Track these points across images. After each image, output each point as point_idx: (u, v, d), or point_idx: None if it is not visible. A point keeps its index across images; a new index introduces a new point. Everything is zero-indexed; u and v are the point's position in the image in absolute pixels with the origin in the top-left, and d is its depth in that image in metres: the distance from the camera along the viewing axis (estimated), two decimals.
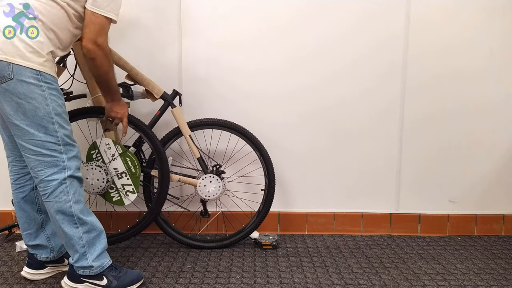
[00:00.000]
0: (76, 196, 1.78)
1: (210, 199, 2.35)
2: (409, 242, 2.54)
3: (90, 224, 1.81)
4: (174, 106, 2.32)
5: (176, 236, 2.38)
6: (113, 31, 2.46)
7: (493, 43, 2.55)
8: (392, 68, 2.56)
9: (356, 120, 2.60)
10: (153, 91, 2.29)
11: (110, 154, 2.20)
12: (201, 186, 2.33)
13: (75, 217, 1.78)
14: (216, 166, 2.36)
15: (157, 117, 2.35)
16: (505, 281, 2.05)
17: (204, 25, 2.51)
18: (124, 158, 2.20)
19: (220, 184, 2.32)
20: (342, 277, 2.05)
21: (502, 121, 2.62)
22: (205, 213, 2.41)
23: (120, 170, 2.20)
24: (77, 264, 1.82)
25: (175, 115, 2.31)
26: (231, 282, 1.99)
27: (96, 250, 1.83)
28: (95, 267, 1.83)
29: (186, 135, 2.31)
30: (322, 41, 2.54)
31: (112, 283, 1.85)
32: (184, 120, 2.32)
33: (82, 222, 1.79)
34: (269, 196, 2.38)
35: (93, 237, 1.82)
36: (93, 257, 1.82)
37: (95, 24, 1.81)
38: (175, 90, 2.34)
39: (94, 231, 1.83)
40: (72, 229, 1.78)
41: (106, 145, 2.20)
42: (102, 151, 2.20)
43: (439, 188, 2.66)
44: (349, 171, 2.63)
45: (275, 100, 2.57)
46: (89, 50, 1.83)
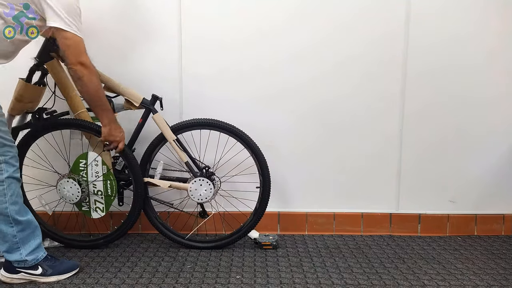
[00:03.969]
0: (13, 198, 1.85)
1: (204, 202, 2.35)
2: (409, 242, 2.54)
3: (25, 223, 1.89)
4: (155, 112, 2.27)
5: (173, 237, 2.38)
6: (113, 36, 2.47)
7: (492, 39, 2.55)
8: (391, 67, 2.56)
9: (356, 119, 2.59)
10: (132, 100, 2.25)
11: (94, 171, 2.22)
12: (192, 190, 2.31)
13: (11, 218, 1.85)
14: (206, 169, 2.35)
15: (141, 125, 2.32)
16: (505, 281, 2.04)
17: (204, 24, 2.52)
18: (105, 179, 2.23)
19: (211, 186, 2.31)
20: (342, 277, 2.05)
21: (502, 121, 2.62)
22: (204, 214, 2.40)
23: (98, 188, 2.24)
24: (11, 259, 1.91)
25: (157, 121, 2.27)
26: (231, 282, 1.99)
27: (31, 246, 1.92)
28: (30, 260, 1.92)
29: (171, 140, 2.28)
30: (318, 39, 2.53)
31: (47, 271, 1.96)
32: (167, 125, 2.28)
33: (17, 222, 1.87)
34: (265, 194, 2.35)
35: (28, 234, 1.91)
36: (26, 252, 1.91)
37: (71, 45, 1.84)
38: (153, 95, 2.29)
39: (29, 229, 1.91)
40: (7, 227, 1.86)
41: (95, 161, 2.22)
42: (89, 165, 2.22)
43: (439, 188, 2.65)
44: (349, 171, 2.63)
45: (274, 99, 2.57)
46: (76, 71, 1.87)
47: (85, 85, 1.92)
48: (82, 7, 1.95)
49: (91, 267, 2.13)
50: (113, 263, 2.19)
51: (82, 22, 1.93)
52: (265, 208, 2.37)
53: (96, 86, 1.96)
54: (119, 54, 2.49)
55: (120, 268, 2.13)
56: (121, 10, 2.48)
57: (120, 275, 2.06)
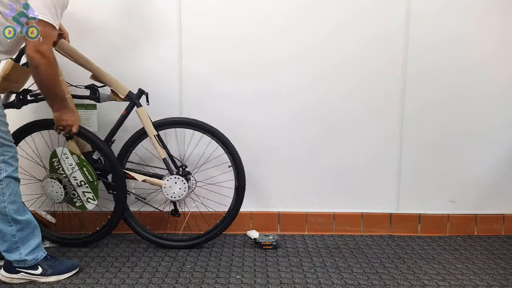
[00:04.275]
0: (11, 197, 1.85)
1: (176, 200, 2.34)
2: (409, 242, 2.54)
3: (24, 223, 1.90)
4: (139, 106, 2.29)
5: (146, 235, 2.38)
6: (113, 35, 2.48)
7: (492, 39, 2.55)
8: (391, 67, 2.56)
9: (356, 119, 2.59)
10: (118, 91, 2.27)
11: (68, 164, 2.24)
12: (167, 187, 2.31)
13: (9, 217, 1.86)
14: (183, 167, 2.35)
15: (124, 116, 2.32)
16: (505, 281, 2.04)
17: (204, 23, 2.52)
18: (81, 168, 2.24)
19: (185, 185, 2.31)
20: (342, 277, 2.05)
21: (502, 120, 2.62)
22: (176, 212, 2.40)
23: (79, 179, 2.25)
24: (11, 258, 1.91)
25: (140, 115, 2.28)
26: (231, 282, 1.99)
27: (30, 245, 1.92)
28: (29, 260, 1.92)
29: (151, 135, 2.28)
30: (318, 38, 2.53)
31: (47, 271, 1.96)
32: (149, 120, 2.29)
33: (16, 221, 1.87)
34: (240, 193, 2.35)
35: (27, 234, 1.92)
36: (26, 251, 1.91)
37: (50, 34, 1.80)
38: (140, 89, 2.31)
39: (28, 229, 1.91)
40: (6, 227, 1.87)
41: (64, 155, 2.23)
42: (62, 160, 2.25)
43: (439, 188, 2.65)
44: (349, 171, 2.63)
45: (274, 98, 2.57)
46: (32, 59, 1.81)
47: (40, 75, 1.86)
48: (84, 7, 1.94)
49: (91, 267, 2.13)
50: (113, 263, 2.19)
51: (64, 12, 1.89)
52: (239, 208, 2.37)
53: (51, 79, 1.90)
54: (119, 53, 2.49)
55: (120, 268, 2.13)
56: (122, 10, 2.48)
57: (120, 275, 2.06)
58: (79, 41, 2.32)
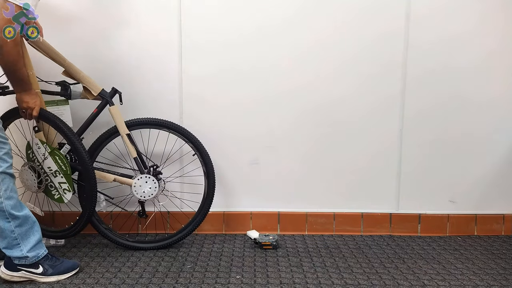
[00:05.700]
0: (8, 193, 1.85)
1: (146, 200, 2.33)
2: (409, 242, 2.54)
3: (22, 218, 1.90)
4: (112, 104, 2.27)
5: (112, 237, 2.36)
6: (114, 36, 2.48)
7: (492, 39, 2.55)
8: (391, 67, 2.56)
9: (356, 119, 2.59)
10: (90, 88, 2.25)
11: (41, 154, 2.22)
12: (137, 186, 2.30)
13: (6, 212, 1.86)
14: (154, 167, 2.34)
15: (94, 115, 2.30)
16: (505, 281, 2.04)
17: (204, 24, 2.52)
18: (53, 157, 2.22)
19: (156, 184, 2.30)
20: (342, 277, 2.05)
21: (502, 121, 2.61)
22: (143, 213, 2.38)
23: (53, 169, 2.23)
24: (12, 255, 1.91)
25: (112, 113, 2.27)
26: (231, 282, 1.99)
27: (30, 242, 1.92)
28: (30, 257, 1.92)
29: (123, 134, 2.27)
30: (318, 40, 2.53)
31: (47, 270, 1.96)
32: (122, 119, 2.28)
33: (14, 217, 1.87)
34: (210, 191, 2.36)
35: (26, 230, 1.91)
36: (27, 248, 1.91)
37: (1, 12, 1.77)
38: (114, 88, 2.29)
39: (27, 224, 1.91)
40: (4, 223, 1.87)
41: (36, 145, 2.23)
42: (35, 151, 2.24)
43: (439, 188, 2.65)
44: (349, 171, 2.63)
45: (274, 99, 2.57)
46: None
47: (3, 56, 1.84)
48: (82, 10, 1.92)
49: (91, 267, 2.14)
50: (113, 263, 2.19)
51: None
52: (209, 208, 2.38)
53: (15, 59, 1.87)
54: (119, 53, 2.50)
55: (120, 268, 2.13)
56: (122, 10, 2.48)
57: (120, 275, 2.06)
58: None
